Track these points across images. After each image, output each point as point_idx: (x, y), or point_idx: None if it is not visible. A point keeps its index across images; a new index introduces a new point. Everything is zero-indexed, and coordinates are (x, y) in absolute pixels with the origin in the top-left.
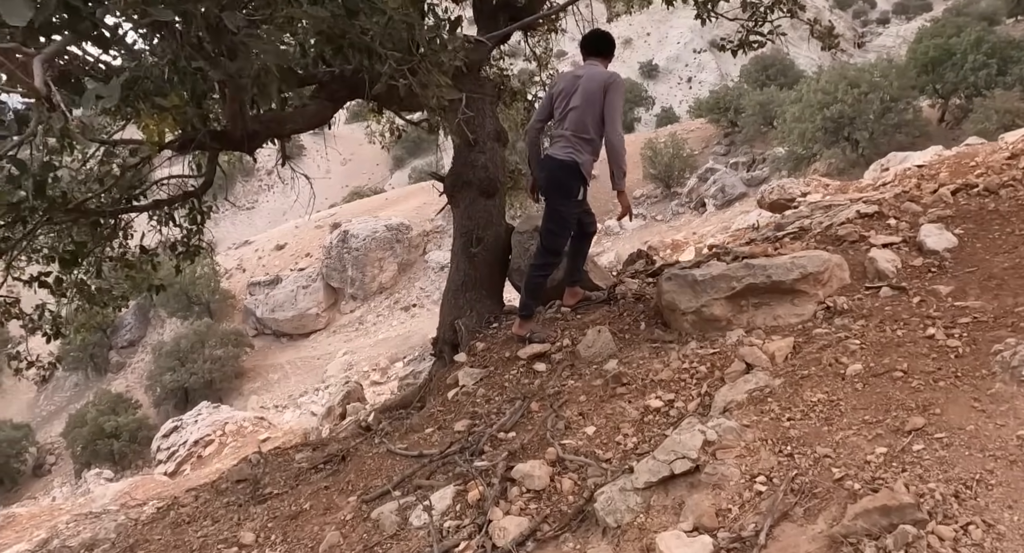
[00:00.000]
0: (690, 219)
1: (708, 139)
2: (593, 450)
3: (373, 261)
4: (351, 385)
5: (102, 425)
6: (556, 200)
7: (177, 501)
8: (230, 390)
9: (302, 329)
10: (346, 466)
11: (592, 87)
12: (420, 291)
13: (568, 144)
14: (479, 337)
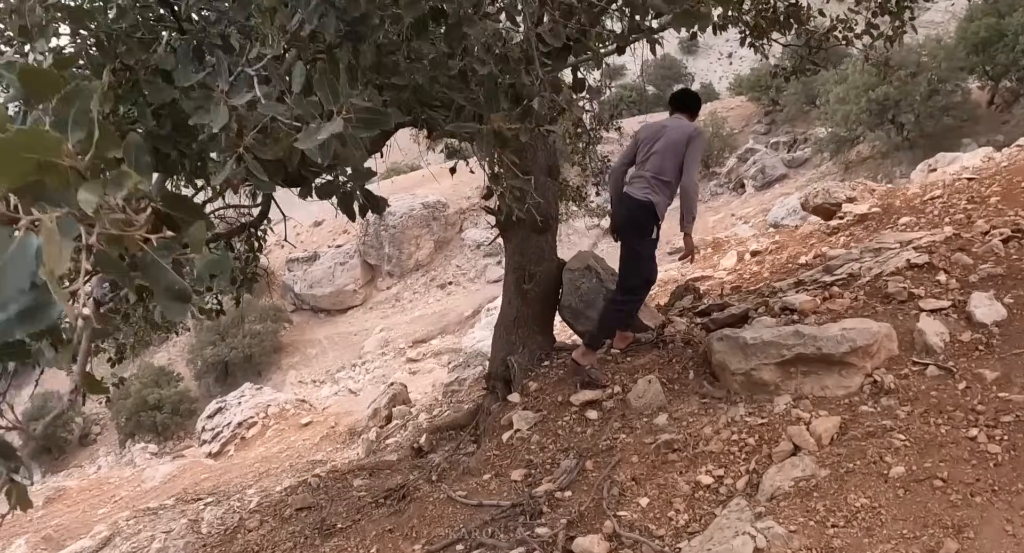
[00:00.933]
0: (728, 200)
1: (748, 118)
2: (647, 525)
3: (410, 238)
4: (396, 387)
5: (145, 397)
6: (633, 238)
7: (243, 524)
8: (269, 364)
9: (339, 305)
10: (408, 507)
11: (676, 136)
12: (456, 269)
13: (646, 185)
14: (531, 375)
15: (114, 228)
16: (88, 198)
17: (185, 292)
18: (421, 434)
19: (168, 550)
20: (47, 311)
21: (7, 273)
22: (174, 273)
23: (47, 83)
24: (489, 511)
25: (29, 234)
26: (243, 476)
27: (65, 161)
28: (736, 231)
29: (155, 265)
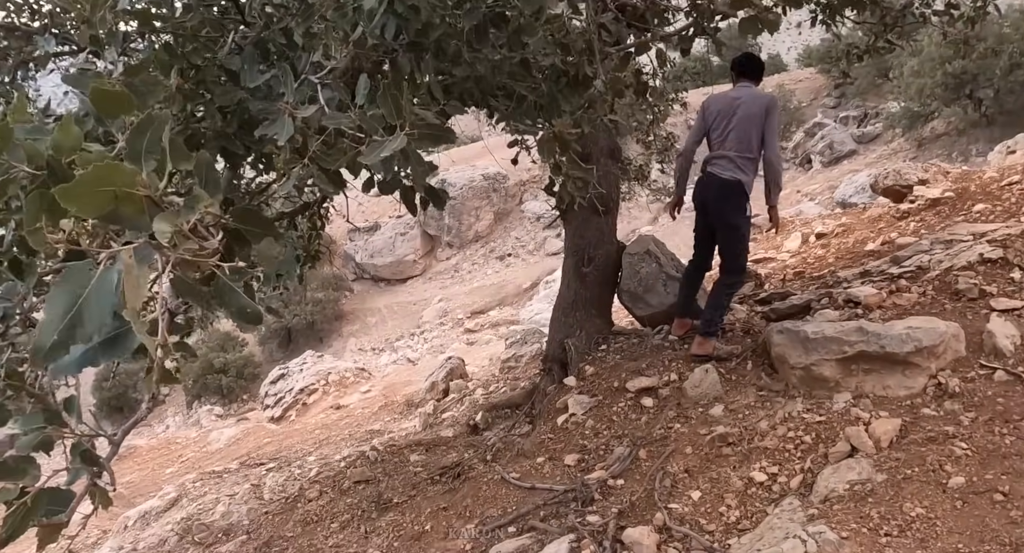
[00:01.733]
0: (795, 176)
1: (817, 91)
2: (698, 519)
3: (469, 210)
4: (453, 361)
5: (212, 361)
6: (729, 216)
7: (303, 494)
8: (330, 332)
9: (399, 275)
10: (462, 485)
11: (753, 109)
12: (515, 241)
13: (731, 163)
14: (588, 359)
15: (188, 254)
16: (163, 228)
17: (256, 314)
18: (477, 411)
19: (232, 514)
20: (128, 341)
21: (89, 307)
22: (246, 297)
23: (116, 102)
24: (542, 495)
25: (109, 268)
26: (303, 442)
27: (140, 191)
28: (801, 208)
29: (228, 289)
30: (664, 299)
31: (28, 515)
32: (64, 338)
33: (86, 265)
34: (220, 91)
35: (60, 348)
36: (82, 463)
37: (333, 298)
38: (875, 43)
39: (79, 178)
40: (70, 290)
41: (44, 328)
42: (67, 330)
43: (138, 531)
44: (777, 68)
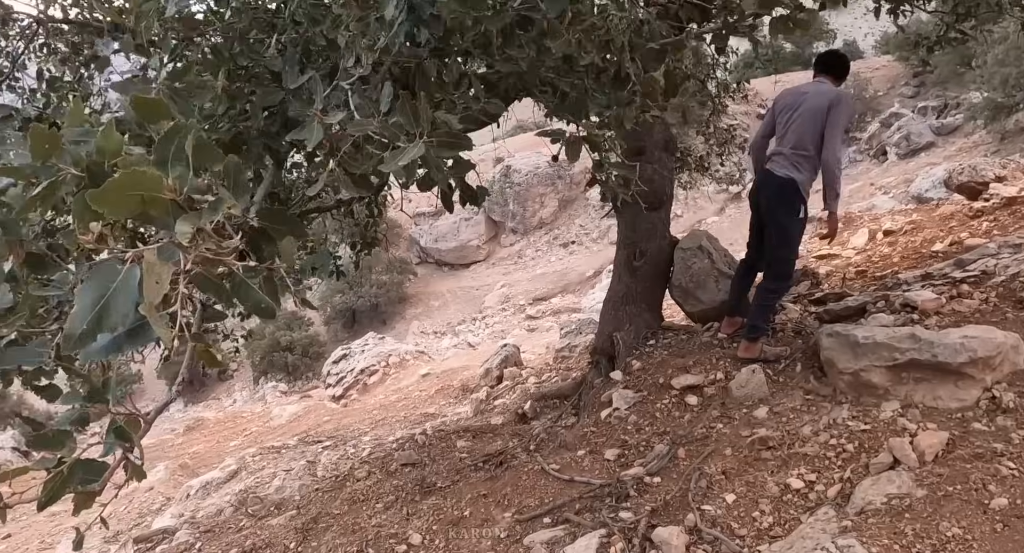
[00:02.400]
0: (868, 168)
1: (894, 79)
2: (729, 523)
3: (534, 196)
4: (509, 349)
5: (278, 339)
6: (780, 216)
7: (353, 473)
8: (394, 314)
9: (463, 259)
10: (503, 474)
11: (816, 104)
12: (579, 228)
13: (787, 161)
14: (635, 354)
15: (209, 253)
16: (184, 229)
17: (270, 309)
18: (527, 399)
19: (285, 488)
20: (149, 332)
21: (115, 300)
22: (260, 293)
23: (155, 110)
24: (579, 488)
25: (134, 267)
26: (360, 422)
27: (166, 195)
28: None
29: (244, 285)
30: (715, 296)
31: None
32: (92, 327)
33: (114, 262)
34: (263, 91)
35: (88, 336)
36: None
37: (397, 281)
38: (946, 34)
39: (109, 183)
40: (98, 284)
41: (74, 318)
42: (95, 320)
43: (199, 500)
44: (854, 55)
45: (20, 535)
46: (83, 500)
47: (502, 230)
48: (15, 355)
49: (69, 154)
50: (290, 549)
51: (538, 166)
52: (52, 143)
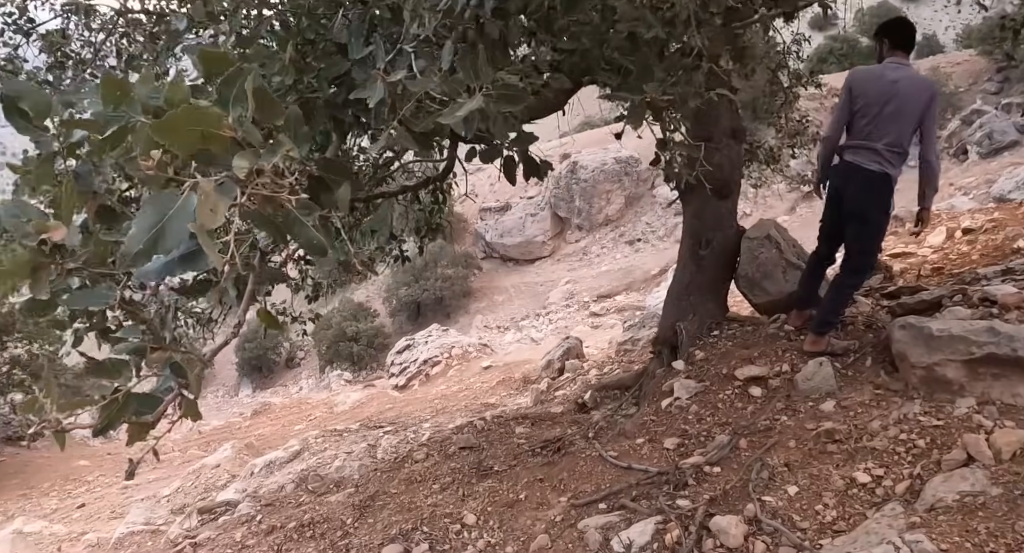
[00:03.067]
0: (947, 167)
1: (977, 74)
2: (791, 515)
3: (600, 193)
4: (571, 341)
5: (344, 329)
6: (869, 211)
7: (411, 455)
8: (458, 308)
9: (528, 255)
10: (561, 459)
11: (915, 97)
12: (646, 226)
13: (879, 157)
14: (699, 344)
15: (264, 190)
16: (241, 164)
17: (322, 246)
18: (587, 390)
19: (345, 469)
20: (202, 257)
21: (171, 224)
22: (312, 230)
23: (221, 63)
24: (636, 475)
25: (191, 194)
26: (422, 410)
27: (226, 133)
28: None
29: (297, 222)
30: (783, 287)
31: (120, 412)
32: (147, 248)
33: (172, 191)
34: (329, 62)
35: (143, 256)
36: (172, 374)
37: (462, 275)
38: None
39: (171, 115)
40: (156, 209)
41: (132, 238)
42: (151, 241)
43: (262, 478)
44: (933, 49)
45: (93, 505)
46: (137, 431)
47: (568, 226)
48: (84, 297)
49: (139, 102)
50: (347, 524)
51: (605, 163)
52: (123, 91)
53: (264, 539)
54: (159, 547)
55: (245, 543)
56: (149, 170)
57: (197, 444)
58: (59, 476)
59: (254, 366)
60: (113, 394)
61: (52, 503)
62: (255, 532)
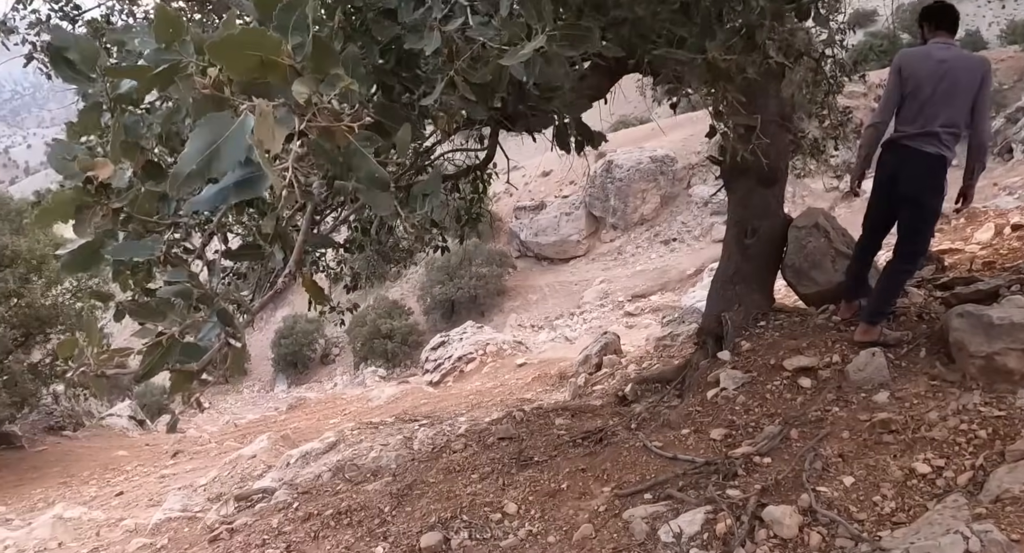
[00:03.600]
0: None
1: (1022, 71)
2: (847, 506)
3: (636, 192)
4: (609, 337)
5: (379, 326)
6: (925, 195)
7: (449, 445)
8: (492, 306)
9: (562, 254)
10: (603, 450)
11: (966, 77)
12: (681, 225)
13: (935, 139)
14: (745, 334)
15: (324, 120)
16: (301, 90)
17: (384, 179)
18: (627, 383)
19: (382, 459)
20: (258, 182)
21: (226, 145)
22: (374, 162)
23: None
24: (682, 465)
25: (247, 116)
26: (457, 405)
27: (284, 60)
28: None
29: (359, 154)
30: (832, 276)
31: (164, 357)
32: (201, 168)
33: (227, 113)
34: (378, 28)
35: (196, 177)
36: (219, 321)
37: (497, 273)
38: None
39: (228, 36)
40: (211, 130)
41: (184, 159)
42: (204, 163)
43: (298, 468)
44: (976, 45)
45: (131, 494)
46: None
47: (602, 226)
48: (129, 248)
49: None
50: (384, 512)
51: (640, 162)
52: (176, 28)
53: (301, 526)
54: (196, 533)
55: (282, 529)
56: (205, 89)
57: (233, 436)
58: (98, 465)
59: (289, 362)
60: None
61: (91, 491)
62: (292, 519)
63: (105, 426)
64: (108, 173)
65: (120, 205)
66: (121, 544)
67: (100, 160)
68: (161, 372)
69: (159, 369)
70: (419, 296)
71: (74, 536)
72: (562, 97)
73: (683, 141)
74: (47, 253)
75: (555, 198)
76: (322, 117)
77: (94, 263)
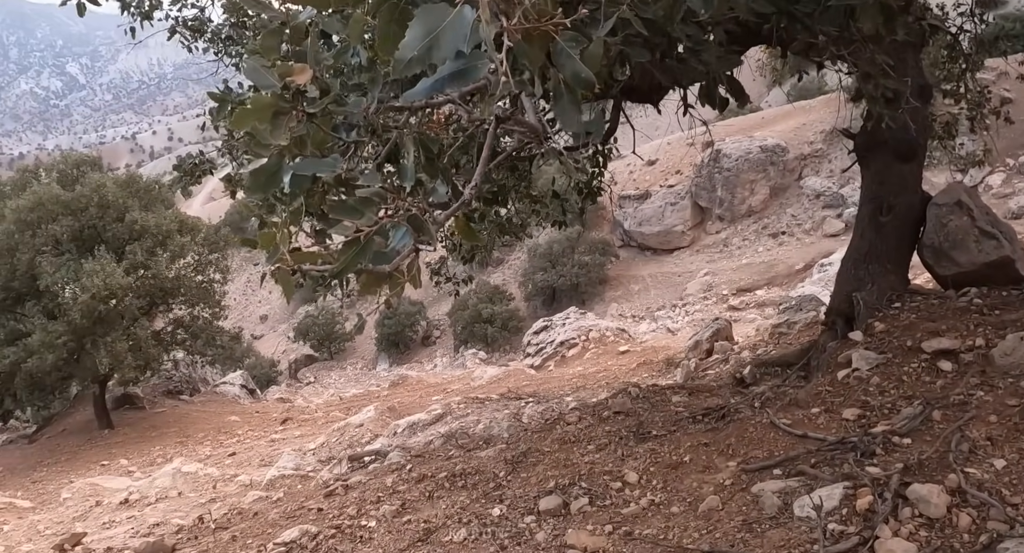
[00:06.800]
0: None
1: None
2: (999, 489)
3: (744, 183)
4: (720, 322)
5: (480, 311)
6: None
7: (563, 417)
8: (593, 295)
9: (666, 245)
10: (726, 426)
11: None
12: (791, 218)
13: None
14: (878, 315)
15: (528, 22)
16: None
17: (591, 79)
18: (744, 367)
19: (493, 429)
20: (474, 72)
21: (446, 34)
22: (579, 61)
23: None
24: (814, 443)
25: (465, 6)
26: (561, 387)
27: None
28: None
29: (564, 53)
30: (975, 257)
31: (360, 255)
32: (421, 55)
33: (445, 4)
34: None
35: (417, 63)
36: (411, 226)
37: (599, 262)
38: None
39: None
40: (430, 19)
41: (405, 46)
42: (425, 50)
43: (406, 437)
44: None
45: (243, 454)
46: (371, 281)
47: (708, 216)
48: (313, 165)
49: None
50: (499, 476)
51: (749, 151)
52: None
53: (415, 486)
54: (310, 488)
55: (396, 488)
56: None
57: (338, 408)
58: (212, 428)
59: (392, 342)
60: (355, 234)
61: (206, 450)
62: (406, 479)
63: (219, 393)
64: (307, 78)
65: (315, 110)
66: (237, 496)
67: (299, 65)
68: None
69: (354, 266)
70: (520, 283)
71: (192, 487)
72: (712, 50)
73: (795, 130)
74: (172, 229)
75: (660, 187)
76: (526, 19)
77: (276, 182)
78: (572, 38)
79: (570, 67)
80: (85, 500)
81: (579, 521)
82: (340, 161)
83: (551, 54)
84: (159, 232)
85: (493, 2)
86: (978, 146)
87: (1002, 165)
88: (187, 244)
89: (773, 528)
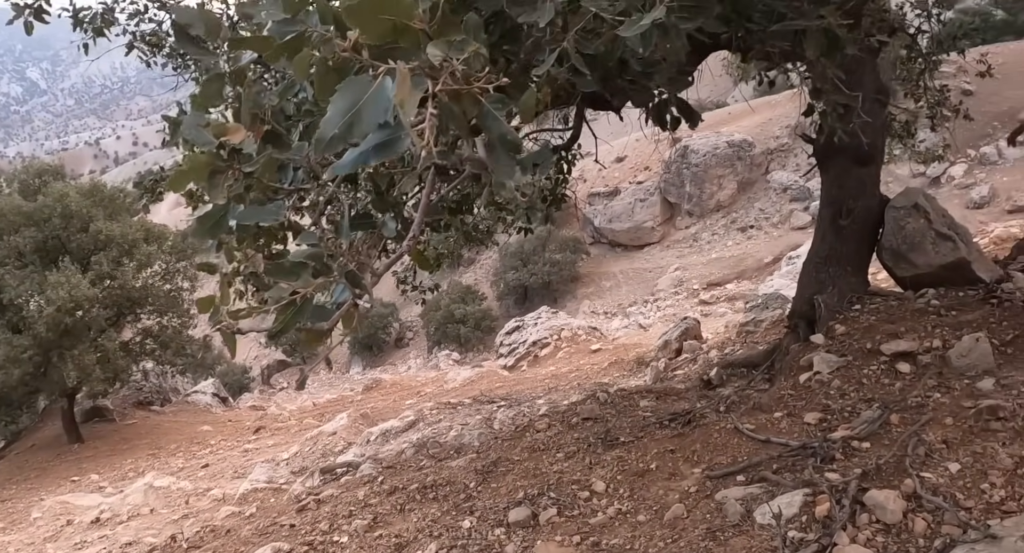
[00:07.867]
0: None
1: None
2: (954, 493)
3: (712, 178)
4: (689, 322)
5: (452, 311)
6: None
7: (532, 425)
8: (565, 292)
9: (637, 241)
10: (692, 431)
11: None
12: (759, 212)
13: None
14: (839, 318)
15: (455, 83)
16: (435, 52)
17: (516, 142)
18: (711, 368)
19: (464, 437)
20: (397, 144)
21: (367, 108)
22: (505, 124)
23: None
24: (776, 448)
25: (386, 78)
26: (533, 388)
27: (416, 24)
28: None
29: (490, 116)
30: (932, 259)
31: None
32: (343, 133)
33: (366, 77)
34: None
35: (338, 141)
36: (347, 282)
37: (570, 260)
38: None
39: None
40: (351, 94)
41: (326, 123)
42: (346, 126)
43: (378, 445)
44: None
45: (216, 466)
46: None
47: (677, 212)
48: (257, 213)
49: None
50: (470, 487)
51: (717, 147)
52: None
53: (387, 499)
54: (283, 502)
55: (368, 501)
56: (344, 52)
57: (312, 414)
58: (184, 439)
59: (365, 345)
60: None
61: (179, 462)
62: (377, 492)
63: (190, 402)
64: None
65: (251, 169)
66: (210, 511)
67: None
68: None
69: (291, 326)
70: (492, 282)
71: (165, 503)
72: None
73: (761, 126)
74: (138, 238)
75: (629, 184)
76: (453, 80)
77: (221, 229)
78: (498, 100)
79: (496, 129)
80: (56, 519)
81: (548, 532)
82: (283, 207)
83: (478, 117)
84: (125, 241)
85: (419, 67)
86: (939, 140)
87: (964, 157)
88: (154, 253)
89: (736, 536)
